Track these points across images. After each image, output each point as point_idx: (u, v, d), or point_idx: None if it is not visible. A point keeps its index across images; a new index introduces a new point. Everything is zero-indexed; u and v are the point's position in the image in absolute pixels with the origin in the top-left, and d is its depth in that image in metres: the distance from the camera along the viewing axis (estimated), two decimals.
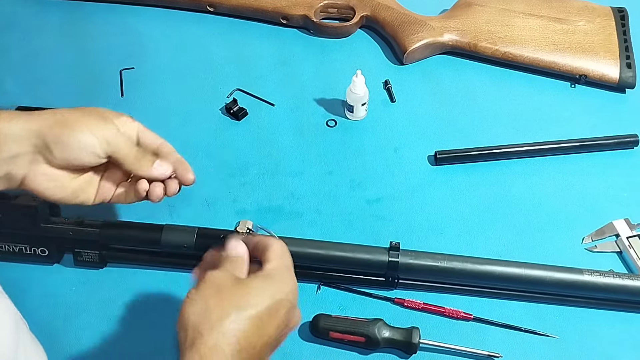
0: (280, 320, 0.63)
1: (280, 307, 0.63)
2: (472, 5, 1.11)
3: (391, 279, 0.82)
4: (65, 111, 0.71)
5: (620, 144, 0.98)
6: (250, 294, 0.62)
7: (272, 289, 0.63)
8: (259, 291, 0.62)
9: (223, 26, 1.15)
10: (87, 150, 0.70)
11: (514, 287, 0.81)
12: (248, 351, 0.60)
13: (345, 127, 1.01)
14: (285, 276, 0.65)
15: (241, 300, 0.61)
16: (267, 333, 0.61)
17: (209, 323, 0.59)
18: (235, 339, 0.59)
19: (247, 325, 0.60)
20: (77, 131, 0.69)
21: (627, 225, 0.88)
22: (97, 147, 0.70)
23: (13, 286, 0.82)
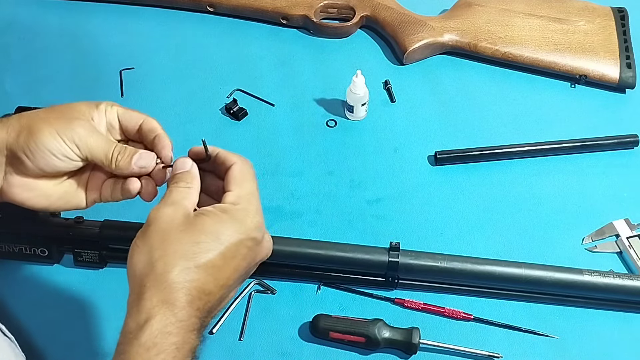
0: (241, 260, 0.59)
1: (240, 247, 0.58)
2: (472, 5, 1.11)
3: (391, 279, 0.82)
4: (32, 114, 0.64)
5: (620, 144, 0.98)
6: (200, 240, 0.56)
7: (228, 231, 0.58)
8: (211, 235, 0.57)
9: (223, 26, 1.15)
10: (56, 156, 0.63)
11: (514, 287, 0.81)
12: (202, 299, 0.56)
13: (345, 127, 1.01)
14: (246, 210, 0.60)
15: (190, 248, 0.56)
16: (225, 277, 0.57)
17: (153, 275, 0.55)
18: (185, 290, 0.55)
19: (198, 274, 0.56)
20: (42, 137, 0.62)
21: (627, 225, 0.88)
22: (67, 151, 0.63)
23: (13, 286, 0.82)
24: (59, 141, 0.62)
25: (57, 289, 0.82)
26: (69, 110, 0.65)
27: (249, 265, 0.61)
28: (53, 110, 0.65)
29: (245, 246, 0.59)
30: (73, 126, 0.63)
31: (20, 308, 0.80)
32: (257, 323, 0.80)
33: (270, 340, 0.79)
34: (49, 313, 0.80)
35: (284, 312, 0.81)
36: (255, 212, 0.61)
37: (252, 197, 0.61)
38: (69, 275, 0.83)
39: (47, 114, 0.64)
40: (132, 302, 0.55)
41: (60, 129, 0.62)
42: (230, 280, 0.58)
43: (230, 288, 0.59)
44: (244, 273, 0.61)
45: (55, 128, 0.62)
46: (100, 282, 0.83)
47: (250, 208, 0.60)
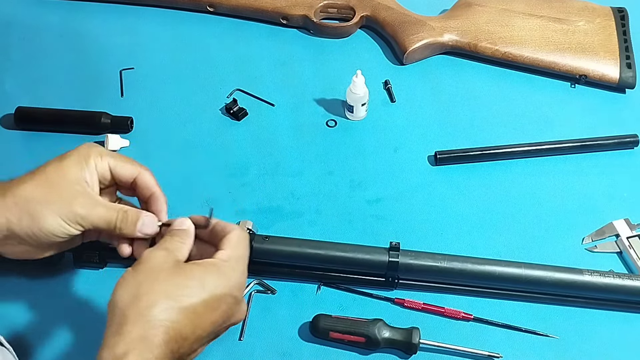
0: (219, 315, 0.60)
1: (222, 302, 0.60)
2: (472, 5, 1.11)
3: (391, 279, 0.82)
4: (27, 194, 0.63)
5: (620, 144, 0.98)
6: (186, 285, 0.59)
7: (214, 282, 0.60)
8: (197, 282, 0.59)
9: (223, 26, 1.15)
10: (60, 236, 0.65)
11: (514, 287, 0.81)
12: (178, 342, 0.57)
13: (345, 127, 1.01)
14: (234, 269, 0.62)
15: (175, 290, 0.58)
16: (202, 327, 0.59)
17: (136, 309, 0.56)
18: (164, 329, 0.56)
19: (179, 316, 0.57)
20: (45, 224, 0.63)
21: (627, 225, 0.88)
22: (71, 230, 0.65)
23: (13, 286, 0.82)
24: (62, 225, 0.64)
25: (57, 289, 0.82)
26: (63, 184, 0.64)
27: (224, 323, 0.63)
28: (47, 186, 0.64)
29: (225, 302, 0.61)
30: (73, 208, 0.64)
31: (20, 308, 0.80)
32: (257, 323, 0.80)
33: (270, 340, 0.79)
34: (49, 313, 0.80)
35: (284, 312, 0.81)
36: (241, 273, 0.63)
37: (242, 261, 0.64)
38: (69, 275, 0.83)
39: (44, 195, 0.64)
40: (111, 333, 0.56)
41: (62, 213, 0.64)
42: (205, 332, 0.60)
43: (202, 341, 0.61)
44: (217, 331, 0.62)
45: (57, 213, 0.63)
46: (100, 282, 0.83)
47: (237, 268, 0.63)
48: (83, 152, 0.67)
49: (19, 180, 0.65)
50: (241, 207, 0.91)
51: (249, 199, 0.92)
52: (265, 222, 0.88)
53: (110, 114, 0.98)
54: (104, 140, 0.96)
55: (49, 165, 0.66)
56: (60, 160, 0.66)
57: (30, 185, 0.64)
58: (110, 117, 0.98)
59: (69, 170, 0.65)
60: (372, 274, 0.82)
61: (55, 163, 0.66)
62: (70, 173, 0.65)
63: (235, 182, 0.94)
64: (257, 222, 0.84)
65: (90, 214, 0.65)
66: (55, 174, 0.65)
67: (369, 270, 0.81)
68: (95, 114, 0.98)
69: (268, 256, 0.80)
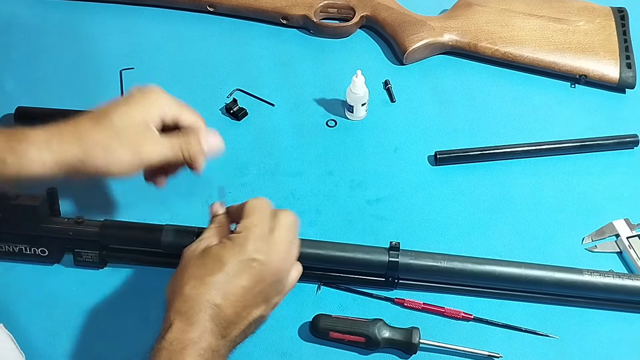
0: (247, 280, 0.65)
1: (243, 267, 0.65)
2: (472, 5, 1.11)
3: (391, 279, 0.82)
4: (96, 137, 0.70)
5: (620, 144, 0.98)
6: (205, 262, 0.65)
7: (228, 253, 0.65)
8: (214, 258, 0.65)
9: (223, 26, 1.15)
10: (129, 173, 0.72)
11: (514, 287, 0.81)
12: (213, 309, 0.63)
13: (345, 127, 1.01)
14: (247, 236, 0.66)
15: (198, 269, 0.65)
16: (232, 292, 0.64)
17: (174, 292, 0.65)
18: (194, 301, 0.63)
19: (206, 288, 0.63)
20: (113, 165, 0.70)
21: (627, 225, 0.88)
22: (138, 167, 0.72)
23: (13, 286, 0.82)
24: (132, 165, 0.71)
25: (57, 289, 0.82)
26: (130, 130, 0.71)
27: (263, 284, 0.67)
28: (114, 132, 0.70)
29: (248, 266, 0.65)
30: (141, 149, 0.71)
31: (20, 308, 0.80)
32: None
33: (270, 340, 0.79)
34: (49, 313, 0.80)
35: (284, 312, 0.80)
36: (256, 238, 0.66)
37: (257, 226, 0.68)
38: (69, 275, 0.83)
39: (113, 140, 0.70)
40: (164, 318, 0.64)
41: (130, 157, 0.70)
42: (238, 296, 0.65)
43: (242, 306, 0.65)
44: (259, 293, 0.67)
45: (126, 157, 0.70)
46: (100, 282, 0.83)
47: (250, 235, 0.67)
48: (150, 101, 0.73)
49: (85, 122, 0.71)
50: None
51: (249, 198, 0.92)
52: None
53: None
54: None
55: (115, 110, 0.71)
56: (127, 106, 0.72)
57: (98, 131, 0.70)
58: None
59: (135, 117, 0.71)
60: (372, 274, 0.82)
61: (121, 109, 0.72)
62: (136, 119, 0.71)
63: (235, 182, 0.94)
64: None
65: (156, 151, 0.72)
66: (121, 121, 0.71)
67: (369, 270, 0.81)
68: None
69: None
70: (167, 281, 0.77)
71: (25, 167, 0.68)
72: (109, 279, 0.83)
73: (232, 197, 0.92)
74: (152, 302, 0.81)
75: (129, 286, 0.83)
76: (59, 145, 0.68)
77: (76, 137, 0.69)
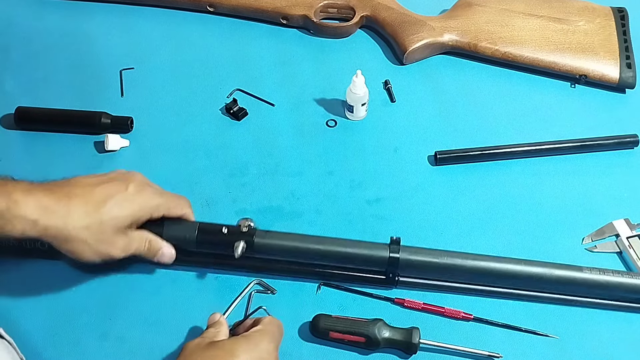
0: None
1: None
2: (472, 5, 1.11)
3: (392, 276, 0.82)
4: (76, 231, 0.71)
5: (620, 144, 0.98)
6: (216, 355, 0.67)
7: (242, 349, 0.67)
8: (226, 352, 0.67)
9: (223, 26, 1.15)
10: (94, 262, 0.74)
11: (514, 284, 0.81)
12: None
13: (345, 127, 1.01)
14: (262, 337, 0.70)
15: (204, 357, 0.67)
16: None
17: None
18: None
19: None
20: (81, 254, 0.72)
21: (627, 225, 0.88)
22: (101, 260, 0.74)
23: (13, 286, 0.82)
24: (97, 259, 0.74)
25: (57, 289, 0.82)
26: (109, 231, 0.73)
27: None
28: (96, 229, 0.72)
29: None
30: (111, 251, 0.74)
31: (20, 308, 0.80)
32: None
33: None
34: (49, 313, 0.80)
35: (284, 312, 0.80)
36: (269, 340, 0.70)
37: (270, 334, 0.71)
38: (69, 274, 0.83)
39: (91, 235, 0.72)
40: None
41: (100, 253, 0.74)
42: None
43: None
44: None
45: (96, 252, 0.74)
46: (100, 282, 0.83)
47: (264, 337, 0.70)
48: (140, 206, 0.75)
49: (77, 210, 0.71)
50: (241, 207, 0.91)
51: (249, 198, 0.92)
52: (265, 222, 0.88)
53: (110, 114, 0.98)
54: (104, 140, 0.96)
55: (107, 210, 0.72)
56: (119, 208, 0.73)
57: (85, 228, 0.71)
58: (110, 117, 0.98)
59: (123, 223, 0.74)
60: (372, 271, 0.82)
61: (114, 211, 0.73)
62: (123, 224, 0.74)
63: (235, 182, 0.94)
64: (257, 222, 0.84)
65: (125, 250, 0.75)
66: (109, 225, 0.73)
67: (370, 267, 0.81)
68: (95, 114, 0.98)
69: (269, 252, 0.80)
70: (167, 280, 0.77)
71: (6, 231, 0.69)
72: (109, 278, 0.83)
73: (232, 197, 0.92)
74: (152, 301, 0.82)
75: (128, 285, 0.83)
76: (44, 225, 0.69)
77: (63, 224, 0.70)
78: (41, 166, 0.95)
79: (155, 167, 0.95)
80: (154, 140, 0.99)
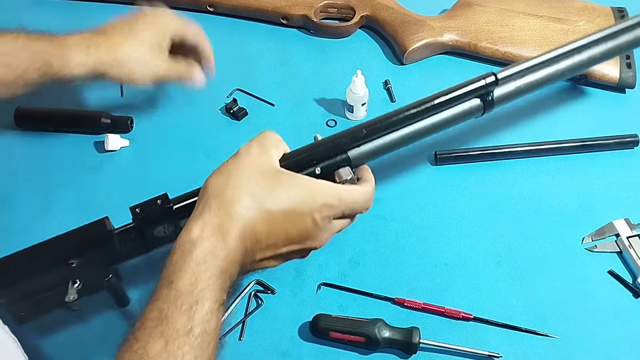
0: (295, 231, 0.62)
1: (300, 218, 0.61)
2: (472, 5, 1.11)
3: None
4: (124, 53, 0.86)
5: (620, 144, 0.98)
6: (272, 190, 0.61)
7: (299, 196, 0.61)
8: (283, 191, 0.61)
9: (223, 26, 1.15)
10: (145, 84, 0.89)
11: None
12: (252, 241, 0.60)
13: (345, 127, 1.00)
14: (324, 193, 0.63)
15: (261, 192, 0.60)
16: (275, 234, 0.61)
17: (221, 200, 0.60)
18: (241, 225, 0.59)
19: (257, 217, 0.60)
20: (133, 77, 0.87)
21: (627, 225, 0.88)
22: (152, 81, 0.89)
23: None
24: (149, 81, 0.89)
25: None
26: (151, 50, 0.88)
27: (299, 242, 0.63)
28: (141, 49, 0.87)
29: (304, 220, 0.62)
30: (156, 69, 0.89)
31: None
32: (257, 323, 0.80)
33: (270, 340, 0.79)
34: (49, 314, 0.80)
35: (284, 312, 0.81)
36: (328, 206, 0.62)
37: (341, 200, 0.64)
38: None
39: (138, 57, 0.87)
40: (194, 217, 0.60)
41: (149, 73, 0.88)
42: (278, 240, 0.61)
43: (275, 250, 0.62)
44: (291, 248, 0.63)
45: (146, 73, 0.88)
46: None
47: (328, 199, 0.63)
48: (163, 25, 0.89)
49: (116, 37, 0.87)
50: None
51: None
52: None
53: (110, 114, 0.98)
54: (104, 140, 0.96)
55: (138, 31, 0.88)
56: (148, 30, 0.88)
57: (128, 47, 0.86)
58: (110, 117, 0.98)
59: (154, 38, 0.88)
60: None
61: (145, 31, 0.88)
62: (155, 40, 0.88)
63: None
64: None
65: (167, 70, 0.89)
66: (145, 42, 0.87)
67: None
68: (95, 114, 0.98)
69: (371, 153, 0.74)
70: None
71: (67, 69, 0.82)
72: None
73: None
74: None
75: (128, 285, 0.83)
76: (96, 53, 0.83)
77: (110, 48, 0.84)
78: (41, 166, 0.95)
79: (155, 167, 0.95)
80: (154, 140, 0.99)
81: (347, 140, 0.70)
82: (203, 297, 0.56)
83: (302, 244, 0.64)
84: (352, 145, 0.70)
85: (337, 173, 0.69)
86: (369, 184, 0.68)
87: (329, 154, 0.69)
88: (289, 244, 0.63)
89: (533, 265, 0.85)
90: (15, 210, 0.91)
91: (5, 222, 0.89)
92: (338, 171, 0.69)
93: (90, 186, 0.93)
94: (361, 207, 0.66)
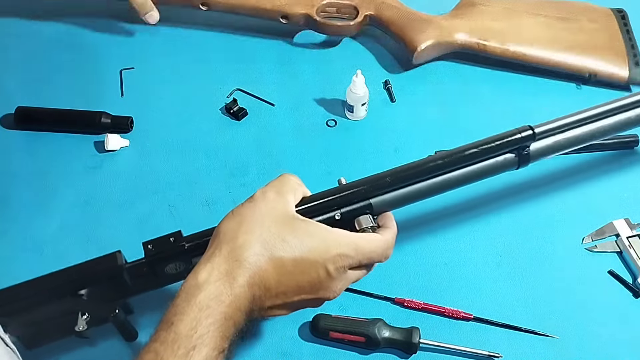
0: (307, 281, 0.60)
1: (313, 268, 0.60)
2: (475, 4, 1.10)
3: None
4: None
5: (620, 144, 0.97)
6: (285, 239, 0.60)
7: (312, 245, 0.60)
8: (297, 239, 0.60)
9: (223, 25, 1.15)
10: None
11: None
12: (261, 289, 0.59)
13: (345, 127, 1.01)
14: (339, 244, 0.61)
15: (273, 240, 0.59)
16: (286, 283, 0.60)
17: (232, 245, 0.59)
18: (250, 272, 0.58)
19: (267, 265, 0.59)
20: None
21: (627, 225, 0.88)
22: None
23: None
24: None
25: None
26: None
27: (311, 292, 0.62)
28: None
29: (316, 270, 0.60)
30: None
31: None
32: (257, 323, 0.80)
33: (270, 340, 0.79)
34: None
35: None
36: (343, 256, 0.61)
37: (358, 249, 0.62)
38: None
39: None
40: (203, 259, 0.59)
41: None
42: (288, 289, 0.60)
43: (285, 299, 0.61)
44: (303, 297, 0.62)
45: None
46: None
47: (343, 249, 0.61)
48: None
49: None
50: None
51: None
52: None
53: (110, 113, 0.98)
54: (104, 140, 0.96)
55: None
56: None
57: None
58: (110, 117, 0.98)
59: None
60: None
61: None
62: None
63: (235, 182, 0.94)
64: None
65: None
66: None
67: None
68: (95, 113, 0.98)
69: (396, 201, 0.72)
70: None
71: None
72: None
73: (232, 197, 0.92)
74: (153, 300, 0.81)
75: None
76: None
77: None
78: (41, 166, 0.95)
79: (155, 167, 0.95)
80: (154, 140, 0.99)
81: (369, 188, 0.69)
82: (201, 344, 0.55)
83: (315, 294, 0.62)
84: (375, 193, 0.69)
85: (357, 220, 0.68)
86: (390, 232, 0.67)
87: (350, 201, 0.68)
88: (300, 293, 0.62)
89: (533, 265, 0.85)
90: (15, 210, 0.91)
91: (5, 222, 0.89)
92: (358, 219, 0.68)
93: (90, 186, 0.93)
94: (380, 256, 0.65)
